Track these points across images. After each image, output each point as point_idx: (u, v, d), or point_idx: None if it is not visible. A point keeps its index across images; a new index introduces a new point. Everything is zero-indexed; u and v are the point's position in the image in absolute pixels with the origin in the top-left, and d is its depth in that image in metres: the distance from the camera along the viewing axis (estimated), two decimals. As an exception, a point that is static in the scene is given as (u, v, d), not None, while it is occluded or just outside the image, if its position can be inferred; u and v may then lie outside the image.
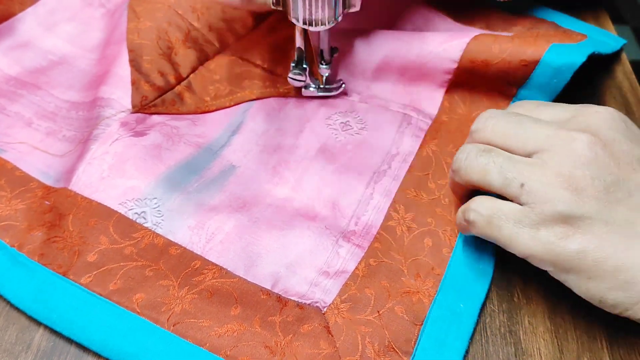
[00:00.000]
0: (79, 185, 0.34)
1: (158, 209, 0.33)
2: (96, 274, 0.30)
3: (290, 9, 0.35)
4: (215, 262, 0.32)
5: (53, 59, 0.42)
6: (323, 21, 0.35)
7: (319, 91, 0.41)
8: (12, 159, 0.36)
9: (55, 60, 0.42)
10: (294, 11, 0.35)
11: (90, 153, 0.35)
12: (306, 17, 0.35)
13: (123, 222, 0.32)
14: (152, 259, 0.31)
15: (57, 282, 0.30)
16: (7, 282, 0.30)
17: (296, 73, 0.39)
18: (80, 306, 0.29)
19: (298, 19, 0.36)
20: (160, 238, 0.32)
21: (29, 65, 0.42)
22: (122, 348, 0.28)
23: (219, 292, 0.30)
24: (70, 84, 0.41)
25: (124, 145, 0.36)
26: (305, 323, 0.30)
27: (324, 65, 0.40)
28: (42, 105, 0.39)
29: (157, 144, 0.36)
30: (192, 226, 0.33)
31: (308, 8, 0.35)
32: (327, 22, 0.36)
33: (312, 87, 0.41)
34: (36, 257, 0.31)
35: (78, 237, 0.32)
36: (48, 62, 0.42)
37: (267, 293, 0.31)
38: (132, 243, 0.32)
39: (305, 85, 0.41)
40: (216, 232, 0.33)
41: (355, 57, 0.42)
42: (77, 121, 0.38)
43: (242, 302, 0.30)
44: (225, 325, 0.29)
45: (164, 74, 0.40)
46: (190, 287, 0.30)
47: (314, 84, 0.41)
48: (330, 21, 0.36)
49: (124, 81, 0.39)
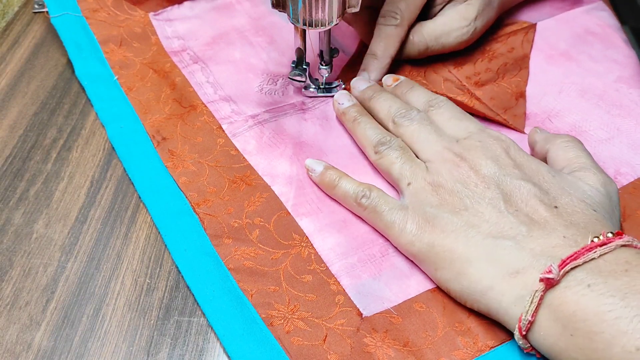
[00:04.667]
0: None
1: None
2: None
3: (290, 10, 0.35)
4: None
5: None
6: (323, 22, 0.36)
7: (319, 91, 0.41)
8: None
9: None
10: (294, 12, 0.35)
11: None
12: (306, 17, 0.35)
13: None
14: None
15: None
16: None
17: (296, 74, 0.39)
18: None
19: (298, 19, 0.36)
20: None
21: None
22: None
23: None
24: None
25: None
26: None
27: (324, 67, 0.40)
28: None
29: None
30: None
31: (308, 9, 0.35)
32: (327, 23, 0.36)
33: (312, 87, 0.41)
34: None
35: None
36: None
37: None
38: None
39: (306, 86, 0.41)
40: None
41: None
42: None
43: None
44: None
45: None
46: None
47: (314, 84, 0.41)
48: (330, 22, 0.36)
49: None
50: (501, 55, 0.43)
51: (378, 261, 0.32)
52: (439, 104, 0.36)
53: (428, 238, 0.30)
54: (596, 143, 0.37)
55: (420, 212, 0.31)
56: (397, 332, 0.29)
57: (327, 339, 0.29)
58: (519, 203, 0.29)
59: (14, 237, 0.34)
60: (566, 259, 0.25)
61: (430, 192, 0.31)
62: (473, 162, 0.31)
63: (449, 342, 0.28)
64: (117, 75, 0.43)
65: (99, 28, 0.47)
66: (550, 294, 0.25)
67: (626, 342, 0.22)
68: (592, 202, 0.29)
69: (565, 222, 0.28)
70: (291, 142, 0.38)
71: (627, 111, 0.39)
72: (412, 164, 0.33)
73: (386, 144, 0.34)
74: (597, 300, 0.24)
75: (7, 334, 0.30)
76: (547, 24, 0.46)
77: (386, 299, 0.30)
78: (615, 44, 0.44)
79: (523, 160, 0.31)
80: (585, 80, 0.41)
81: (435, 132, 0.34)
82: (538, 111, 0.40)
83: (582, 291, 0.24)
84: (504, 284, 0.27)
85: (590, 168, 0.31)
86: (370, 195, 0.33)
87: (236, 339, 0.29)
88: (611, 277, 0.24)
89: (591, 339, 0.24)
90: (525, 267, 0.27)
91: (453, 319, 0.29)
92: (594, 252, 0.25)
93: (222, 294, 0.30)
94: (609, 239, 0.26)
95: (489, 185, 0.30)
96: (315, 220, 0.34)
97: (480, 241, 0.28)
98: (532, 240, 0.27)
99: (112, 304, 0.31)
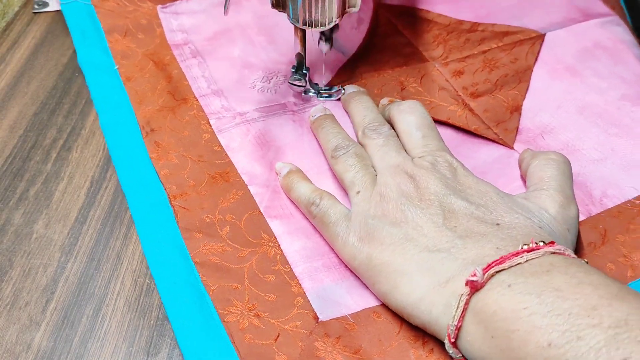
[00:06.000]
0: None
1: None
2: None
3: (290, 9, 0.35)
4: None
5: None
6: (323, 22, 0.35)
7: (318, 96, 0.41)
8: None
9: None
10: (293, 12, 0.35)
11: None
12: (306, 17, 0.35)
13: None
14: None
15: None
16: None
17: (296, 78, 0.39)
18: None
19: (298, 19, 0.36)
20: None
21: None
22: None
23: None
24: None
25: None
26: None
27: (324, 42, 0.40)
28: None
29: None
30: None
31: (308, 9, 0.35)
32: (326, 23, 0.36)
33: (311, 92, 0.41)
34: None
35: None
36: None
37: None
38: None
39: (305, 90, 0.41)
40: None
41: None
42: None
43: None
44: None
45: None
46: None
47: (314, 89, 0.41)
48: (329, 22, 0.36)
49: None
50: (503, 66, 0.42)
51: (343, 268, 0.32)
52: (413, 109, 0.36)
53: (367, 251, 0.30)
54: (587, 163, 0.36)
55: (362, 224, 0.31)
56: (350, 339, 0.29)
57: (278, 339, 0.29)
58: (459, 219, 0.29)
59: (13, 237, 0.34)
60: (492, 262, 0.25)
61: (375, 202, 0.31)
62: (421, 181, 0.31)
63: (401, 354, 0.28)
64: (118, 65, 0.44)
65: (106, 17, 0.47)
66: (475, 297, 0.25)
67: (539, 338, 0.22)
68: (538, 221, 0.29)
69: (502, 235, 0.27)
70: (275, 145, 0.38)
71: (625, 130, 0.38)
72: (364, 173, 0.33)
73: (343, 149, 0.35)
74: (515, 298, 0.24)
75: (6, 334, 0.30)
76: (557, 35, 0.44)
77: (345, 306, 0.30)
78: (625, 60, 0.42)
79: (472, 183, 0.31)
80: (586, 97, 0.40)
81: (395, 150, 0.34)
82: (532, 126, 0.39)
83: (502, 291, 0.24)
84: (435, 293, 0.27)
85: (552, 191, 0.30)
86: (320, 203, 0.33)
87: (190, 332, 0.29)
88: (532, 277, 0.24)
89: (509, 338, 0.23)
90: (455, 275, 0.26)
91: (409, 333, 0.29)
92: (521, 257, 0.25)
93: (184, 287, 0.31)
94: (539, 246, 0.26)
95: (432, 203, 0.30)
96: (286, 223, 0.34)
97: (415, 254, 0.28)
98: (465, 251, 0.27)
99: (112, 304, 0.31)
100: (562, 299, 0.23)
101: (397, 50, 0.44)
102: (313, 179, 0.35)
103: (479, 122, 0.39)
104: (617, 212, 0.34)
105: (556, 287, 0.23)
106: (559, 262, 0.25)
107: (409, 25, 0.46)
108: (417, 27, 0.46)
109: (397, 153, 0.34)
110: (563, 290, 0.23)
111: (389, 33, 0.46)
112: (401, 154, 0.33)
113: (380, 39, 0.45)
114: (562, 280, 0.24)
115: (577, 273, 0.24)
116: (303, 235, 0.33)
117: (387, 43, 0.45)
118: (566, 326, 0.22)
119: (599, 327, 0.21)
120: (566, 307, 0.22)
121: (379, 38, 0.46)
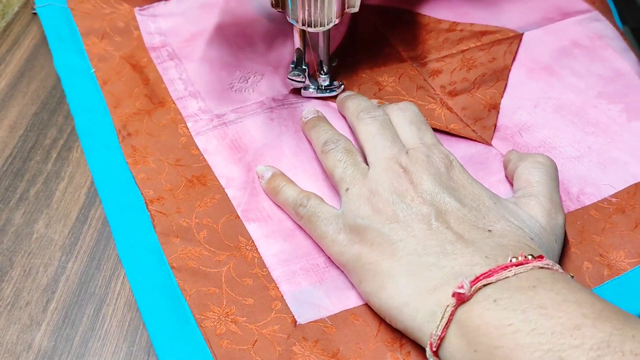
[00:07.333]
0: None
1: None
2: None
3: (290, 9, 0.35)
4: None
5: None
6: (322, 22, 0.35)
7: (318, 92, 0.41)
8: None
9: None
10: (293, 12, 0.35)
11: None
12: (305, 17, 0.35)
13: None
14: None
15: None
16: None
17: (295, 74, 0.39)
18: None
19: (297, 19, 0.36)
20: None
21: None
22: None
23: None
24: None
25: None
26: None
27: (324, 75, 0.40)
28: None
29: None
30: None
31: (307, 9, 0.35)
32: (326, 23, 0.36)
33: (311, 88, 0.41)
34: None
35: None
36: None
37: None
38: None
39: (305, 86, 0.41)
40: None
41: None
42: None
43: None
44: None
45: None
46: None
47: (314, 85, 0.41)
48: (329, 22, 0.36)
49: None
50: (481, 65, 0.42)
51: (321, 271, 0.32)
52: (407, 106, 0.36)
53: (356, 250, 0.30)
54: (564, 160, 0.36)
55: (351, 223, 0.30)
56: (327, 342, 0.29)
57: (256, 344, 0.28)
58: (451, 222, 0.29)
59: (14, 237, 0.34)
60: (480, 275, 0.25)
61: (365, 199, 0.31)
62: (414, 176, 0.30)
63: (378, 356, 0.28)
64: (94, 68, 0.43)
65: (82, 20, 0.47)
66: (461, 309, 0.25)
67: (522, 356, 0.22)
68: (529, 231, 0.29)
69: (492, 244, 0.27)
70: (253, 147, 0.38)
71: (602, 129, 0.38)
72: (354, 169, 0.32)
73: (333, 143, 0.34)
74: (500, 314, 0.24)
75: (7, 334, 0.30)
76: (534, 35, 0.44)
77: (323, 308, 0.30)
78: (602, 57, 0.42)
79: (466, 182, 0.31)
80: (563, 96, 0.40)
81: (390, 139, 0.33)
82: (510, 124, 0.39)
83: (488, 305, 0.24)
84: (420, 300, 0.27)
85: (540, 197, 0.30)
86: (307, 204, 0.32)
87: (166, 337, 0.29)
88: (518, 293, 0.24)
89: (492, 354, 0.23)
90: (442, 284, 0.26)
91: (387, 335, 0.29)
92: (509, 271, 0.25)
93: (161, 292, 0.31)
94: (527, 260, 0.25)
95: (425, 201, 0.29)
96: (263, 226, 0.34)
97: (404, 257, 0.28)
98: (454, 259, 0.27)
99: (113, 304, 0.31)
100: (545, 317, 0.23)
101: (375, 50, 0.44)
102: (293, 180, 0.35)
103: (457, 120, 0.39)
104: (594, 210, 0.34)
105: (541, 304, 0.23)
106: (546, 278, 0.25)
107: (388, 25, 0.46)
108: (396, 27, 0.46)
109: (392, 143, 0.33)
110: (547, 308, 0.23)
111: (369, 33, 0.46)
112: (396, 144, 0.33)
113: (359, 39, 0.45)
114: (547, 297, 0.24)
115: (562, 289, 0.24)
116: (281, 239, 0.33)
117: (366, 43, 0.45)
118: (549, 345, 0.22)
119: (581, 348, 0.21)
120: (549, 326, 0.22)
121: (358, 38, 0.46)
